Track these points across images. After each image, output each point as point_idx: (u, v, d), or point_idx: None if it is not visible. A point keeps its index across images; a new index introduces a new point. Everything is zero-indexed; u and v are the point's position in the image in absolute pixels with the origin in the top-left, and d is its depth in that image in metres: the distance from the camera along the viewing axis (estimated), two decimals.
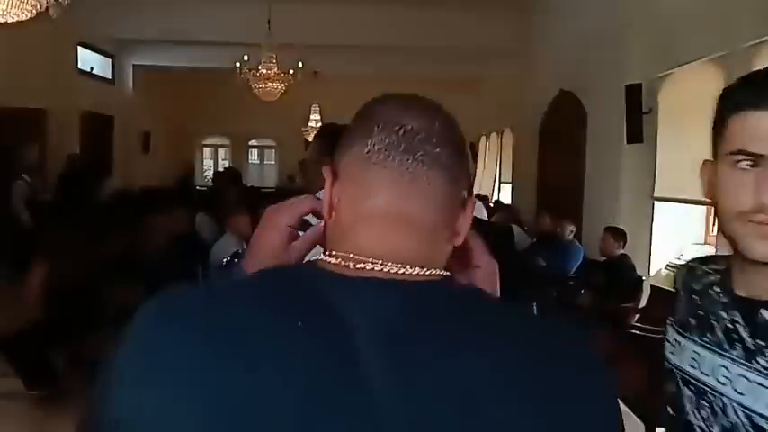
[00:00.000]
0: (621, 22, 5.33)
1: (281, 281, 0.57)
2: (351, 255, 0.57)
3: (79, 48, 10.53)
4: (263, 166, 15.36)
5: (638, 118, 4.79)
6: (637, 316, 3.83)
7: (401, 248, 0.57)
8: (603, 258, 4.38)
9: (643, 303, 4.06)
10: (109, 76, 11.90)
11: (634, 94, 4.80)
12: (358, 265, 0.56)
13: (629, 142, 4.92)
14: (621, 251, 4.25)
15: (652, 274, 4.71)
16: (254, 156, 15.51)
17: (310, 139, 12.61)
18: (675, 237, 4.83)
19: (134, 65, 12.29)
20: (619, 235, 4.26)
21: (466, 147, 0.64)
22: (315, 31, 8.48)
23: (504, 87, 10.35)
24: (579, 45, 6.49)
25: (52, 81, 9.08)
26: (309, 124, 12.56)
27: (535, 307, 5.06)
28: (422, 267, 0.56)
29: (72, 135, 9.71)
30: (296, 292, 0.55)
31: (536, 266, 5.15)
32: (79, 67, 10.45)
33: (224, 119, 13.96)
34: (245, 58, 7.08)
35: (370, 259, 0.56)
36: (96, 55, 11.52)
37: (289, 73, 7.61)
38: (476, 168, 11.93)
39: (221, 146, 15.33)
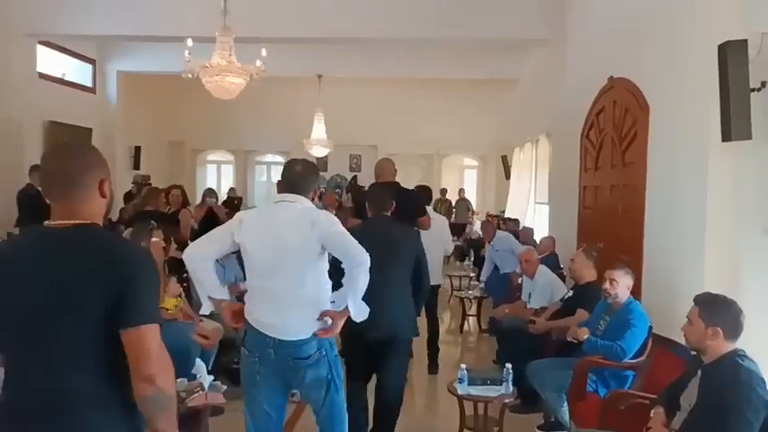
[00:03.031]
0: None
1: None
2: None
3: (49, 51, 9.29)
4: (270, 184, 13.76)
5: (741, 98, 2.83)
6: None
7: None
8: (693, 352, 2.26)
9: None
10: (89, 83, 10.64)
11: (733, 59, 2.85)
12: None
13: (725, 139, 2.94)
14: (728, 344, 2.09)
15: None
16: (261, 173, 13.92)
17: (314, 153, 10.96)
18: None
19: (119, 71, 10.95)
20: (714, 312, 2.12)
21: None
22: (310, 23, 6.79)
23: (537, 86, 8.45)
24: (635, 11, 4.57)
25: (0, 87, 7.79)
26: (313, 135, 10.88)
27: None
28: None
29: (32, 147, 8.35)
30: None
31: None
32: (46, 72, 9.16)
33: (228, 132, 12.47)
34: (190, 43, 5.42)
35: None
36: (75, 60, 10.28)
37: (256, 66, 5.93)
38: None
39: (225, 162, 13.82)
